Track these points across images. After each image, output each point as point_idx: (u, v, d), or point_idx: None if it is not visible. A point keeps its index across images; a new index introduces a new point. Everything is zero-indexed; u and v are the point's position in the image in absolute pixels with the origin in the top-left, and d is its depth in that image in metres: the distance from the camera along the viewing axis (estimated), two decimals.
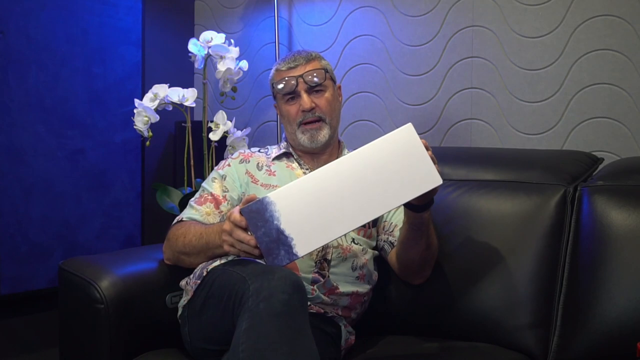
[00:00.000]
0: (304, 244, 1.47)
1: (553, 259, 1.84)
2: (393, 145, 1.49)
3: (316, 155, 1.90)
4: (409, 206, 1.65)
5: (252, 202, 1.50)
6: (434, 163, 1.52)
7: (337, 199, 1.47)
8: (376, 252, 1.91)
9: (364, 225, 1.86)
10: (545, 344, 1.80)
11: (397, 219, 1.88)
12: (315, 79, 1.85)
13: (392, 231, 1.88)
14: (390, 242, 1.88)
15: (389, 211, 1.89)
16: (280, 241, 1.47)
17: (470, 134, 2.45)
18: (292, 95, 1.86)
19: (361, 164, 1.48)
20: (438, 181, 1.50)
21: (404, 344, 1.85)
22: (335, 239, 1.61)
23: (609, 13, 2.24)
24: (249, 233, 1.53)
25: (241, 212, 1.52)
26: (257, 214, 1.48)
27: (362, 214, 1.48)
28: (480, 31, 2.43)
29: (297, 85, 1.84)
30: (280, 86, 1.86)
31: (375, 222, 1.90)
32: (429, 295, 1.89)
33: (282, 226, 1.47)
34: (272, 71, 1.92)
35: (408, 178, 1.48)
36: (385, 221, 1.91)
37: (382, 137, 1.50)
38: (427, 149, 1.52)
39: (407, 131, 1.50)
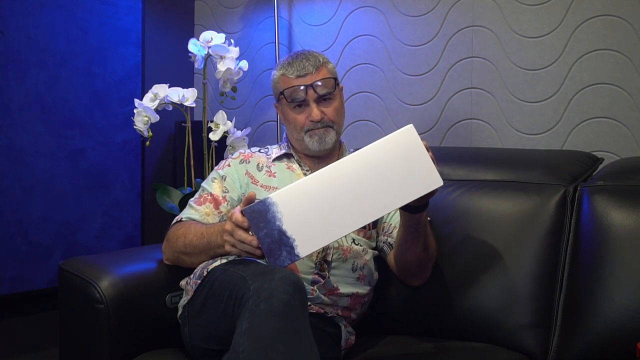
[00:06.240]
0: (305, 245, 1.47)
1: (553, 259, 1.84)
2: (394, 146, 1.49)
3: (318, 158, 1.90)
4: (405, 208, 1.65)
5: (254, 203, 1.49)
6: (434, 164, 1.52)
7: (338, 200, 1.47)
8: (377, 252, 1.91)
9: (364, 227, 1.86)
10: (545, 344, 1.80)
11: (397, 220, 1.87)
12: (325, 89, 1.82)
13: (391, 232, 1.88)
14: (389, 243, 1.88)
15: (389, 212, 1.89)
16: (282, 242, 1.47)
17: (470, 134, 2.45)
18: (301, 103, 1.84)
19: (362, 165, 1.48)
20: (439, 182, 1.50)
21: (404, 344, 1.85)
22: (336, 240, 1.61)
23: (609, 13, 2.24)
24: (250, 233, 1.53)
25: (243, 213, 1.52)
26: (259, 214, 1.48)
27: (363, 215, 1.48)
28: (480, 31, 2.43)
29: (306, 95, 1.82)
30: (288, 94, 1.83)
31: (375, 224, 1.90)
32: (429, 295, 1.89)
33: (284, 227, 1.47)
34: (277, 75, 1.88)
35: (409, 179, 1.48)
36: (385, 222, 1.90)
37: (384, 138, 1.50)
38: (427, 150, 1.52)
39: (409, 132, 1.50)
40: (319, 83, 1.81)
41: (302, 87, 1.81)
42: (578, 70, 2.29)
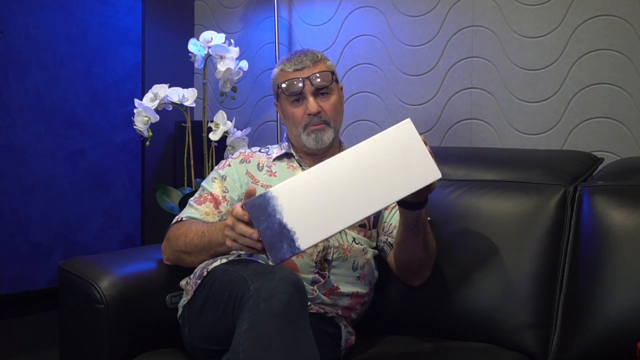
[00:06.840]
0: (306, 238, 1.48)
1: (553, 259, 1.85)
2: (393, 140, 1.51)
3: (318, 157, 1.90)
4: (404, 205, 1.66)
5: (254, 197, 1.50)
6: (433, 157, 1.53)
7: (338, 193, 1.48)
8: (377, 251, 1.91)
9: (364, 226, 1.86)
10: (545, 344, 1.80)
11: (397, 220, 1.87)
12: (323, 82, 1.84)
13: (391, 232, 1.88)
14: (389, 243, 1.88)
15: (389, 212, 1.90)
16: (282, 235, 1.48)
17: (470, 134, 2.45)
18: (298, 97, 1.85)
19: (362, 158, 1.50)
20: (437, 175, 1.51)
21: (404, 344, 1.85)
22: (337, 234, 1.62)
23: (609, 13, 2.24)
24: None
25: (243, 207, 1.52)
26: (259, 208, 1.48)
27: (363, 207, 1.49)
28: (480, 31, 2.43)
29: (303, 87, 1.83)
30: (286, 87, 1.85)
31: (375, 223, 1.90)
32: (429, 295, 1.89)
33: (285, 220, 1.47)
34: (276, 71, 1.90)
35: (408, 172, 1.50)
36: (385, 222, 1.91)
37: (382, 132, 1.52)
38: (425, 143, 1.53)
39: (407, 126, 1.52)
40: (317, 75, 1.83)
41: (299, 79, 1.82)
42: (578, 70, 2.29)
